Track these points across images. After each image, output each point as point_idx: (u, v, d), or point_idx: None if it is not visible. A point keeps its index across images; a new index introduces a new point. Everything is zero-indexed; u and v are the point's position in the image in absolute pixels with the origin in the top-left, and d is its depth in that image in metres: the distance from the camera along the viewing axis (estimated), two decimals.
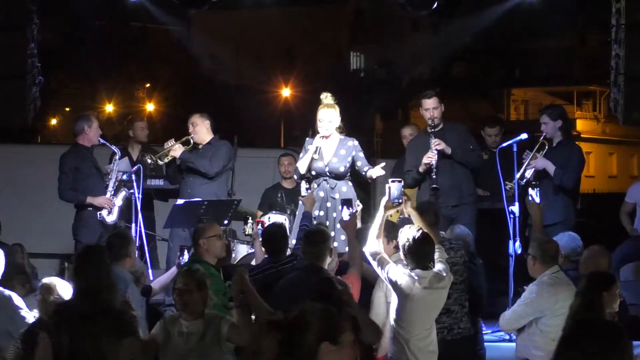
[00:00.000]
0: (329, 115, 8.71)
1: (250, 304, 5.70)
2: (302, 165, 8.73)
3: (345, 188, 8.72)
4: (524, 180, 8.96)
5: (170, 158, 9.69)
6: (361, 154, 8.78)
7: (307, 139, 8.97)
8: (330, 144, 8.79)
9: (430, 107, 9.08)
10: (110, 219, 9.45)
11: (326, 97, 8.79)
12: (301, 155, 8.87)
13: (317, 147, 8.64)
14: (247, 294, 5.69)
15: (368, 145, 30.23)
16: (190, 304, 5.86)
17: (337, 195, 8.64)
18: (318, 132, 8.76)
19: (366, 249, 6.55)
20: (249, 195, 10.09)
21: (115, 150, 9.73)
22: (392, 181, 6.96)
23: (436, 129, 9.10)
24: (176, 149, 9.64)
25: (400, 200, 6.84)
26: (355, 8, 38.27)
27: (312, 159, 8.66)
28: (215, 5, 10.15)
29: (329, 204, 8.68)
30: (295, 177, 9.17)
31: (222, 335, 5.80)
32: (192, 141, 9.72)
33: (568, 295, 6.27)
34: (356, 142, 8.82)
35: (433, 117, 9.05)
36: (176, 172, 9.86)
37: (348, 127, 8.96)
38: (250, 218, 9.59)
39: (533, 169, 9.10)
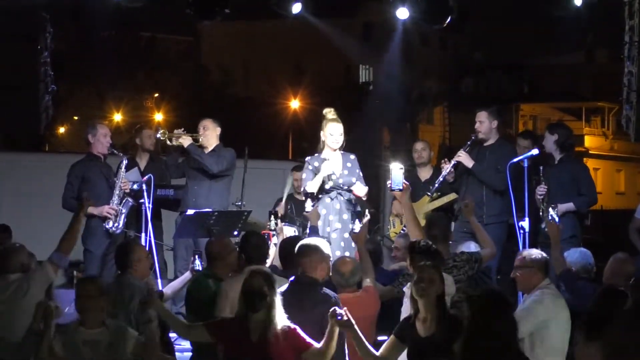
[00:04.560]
0: (339, 129, 8.80)
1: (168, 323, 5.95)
2: (312, 187, 8.76)
3: (355, 200, 8.82)
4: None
5: (178, 143, 9.73)
6: (360, 173, 8.89)
7: (308, 159, 8.98)
8: (335, 158, 8.86)
9: (477, 119, 9.52)
10: (115, 228, 9.44)
11: (330, 112, 8.87)
12: (304, 176, 8.92)
13: (331, 173, 8.69)
14: (163, 315, 5.90)
15: (376, 158, 30.21)
16: (93, 310, 5.94)
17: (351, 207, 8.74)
18: (326, 147, 8.82)
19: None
20: (258, 206, 10.08)
21: (123, 157, 9.74)
22: (394, 166, 6.88)
23: (484, 143, 9.48)
24: (185, 139, 9.71)
25: (401, 187, 6.81)
26: (365, 21, 38.33)
27: (324, 181, 8.70)
28: (228, 16, 10.16)
29: (345, 216, 8.72)
30: (303, 197, 9.18)
31: (128, 348, 5.91)
32: (200, 141, 9.78)
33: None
34: (355, 158, 8.92)
35: (477, 129, 9.47)
36: (177, 168, 9.94)
37: (357, 141, 9.02)
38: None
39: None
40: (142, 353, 5.88)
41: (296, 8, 10.58)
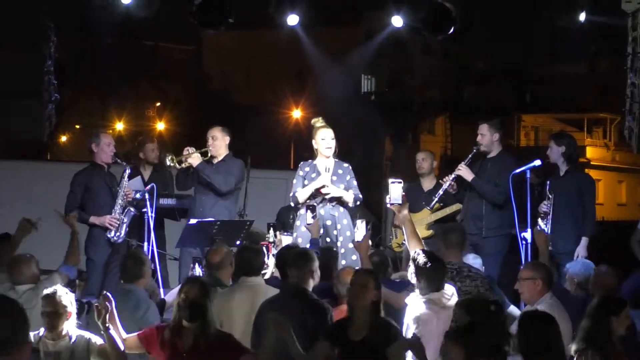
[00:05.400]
0: (330, 134, 8.89)
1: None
2: (302, 195, 8.79)
3: (342, 208, 8.86)
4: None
5: (187, 164, 9.72)
6: (354, 181, 8.91)
7: (300, 164, 9.01)
8: (327, 164, 8.88)
9: (479, 132, 9.55)
10: (117, 237, 9.45)
11: (319, 121, 8.99)
12: (294, 181, 8.94)
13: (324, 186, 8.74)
14: (113, 324, 5.93)
15: (377, 168, 30.21)
16: (57, 325, 6.06)
17: (336, 213, 8.78)
18: (319, 154, 8.86)
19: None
20: (260, 216, 10.08)
21: (126, 167, 9.74)
22: (392, 182, 6.93)
23: (487, 155, 9.52)
24: (194, 158, 9.69)
25: (400, 202, 6.83)
26: (367, 31, 38.37)
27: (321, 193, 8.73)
28: (232, 25, 10.17)
29: (329, 222, 8.78)
30: (292, 204, 9.17)
31: (90, 357, 6.01)
32: (209, 153, 9.77)
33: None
34: (349, 166, 8.97)
35: (479, 142, 9.50)
36: (186, 178, 9.92)
37: (358, 150, 9.05)
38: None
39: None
40: None
41: (293, 19, 10.58)
